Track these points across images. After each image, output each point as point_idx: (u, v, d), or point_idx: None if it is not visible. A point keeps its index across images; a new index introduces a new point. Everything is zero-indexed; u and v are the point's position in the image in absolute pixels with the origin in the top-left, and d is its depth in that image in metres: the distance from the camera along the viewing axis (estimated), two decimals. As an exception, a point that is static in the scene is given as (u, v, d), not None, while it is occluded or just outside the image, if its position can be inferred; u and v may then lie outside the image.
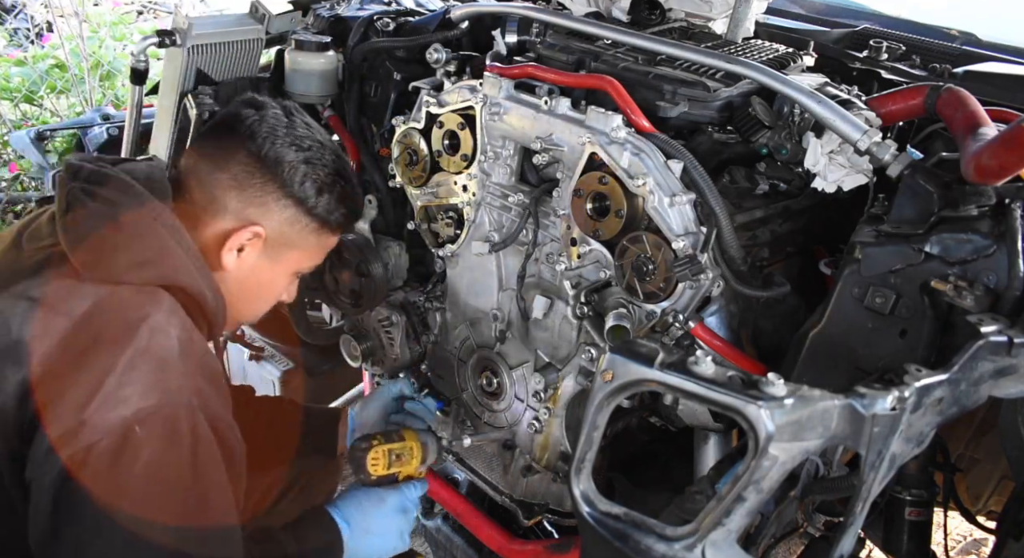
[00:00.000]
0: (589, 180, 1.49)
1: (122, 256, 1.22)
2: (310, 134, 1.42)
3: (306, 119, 1.44)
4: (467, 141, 1.70)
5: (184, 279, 1.27)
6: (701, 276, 1.38)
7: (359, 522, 1.49)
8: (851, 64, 1.80)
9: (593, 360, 1.60)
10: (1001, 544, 1.37)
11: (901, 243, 1.23)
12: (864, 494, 1.03)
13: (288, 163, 1.37)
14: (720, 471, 1.31)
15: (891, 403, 0.97)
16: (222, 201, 1.36)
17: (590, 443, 1.06)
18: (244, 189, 1.35)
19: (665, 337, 1.48)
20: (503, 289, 1.78)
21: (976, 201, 1.19)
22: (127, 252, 1.23)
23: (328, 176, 1.41)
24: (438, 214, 1.84)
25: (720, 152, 1.56)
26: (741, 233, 1.44)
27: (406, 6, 2.24)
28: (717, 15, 1.91)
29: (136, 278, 1.22)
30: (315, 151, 1.40)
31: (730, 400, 0.92)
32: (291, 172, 1.37)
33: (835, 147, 1.40)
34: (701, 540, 0.96)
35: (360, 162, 2.10)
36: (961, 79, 1.66)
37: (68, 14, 4.18)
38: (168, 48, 2.01)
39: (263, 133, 1.36)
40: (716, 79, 1.55)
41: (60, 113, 4.05)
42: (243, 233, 1.35)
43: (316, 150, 1.40)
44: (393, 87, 2.00)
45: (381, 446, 1.54)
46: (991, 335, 1.06)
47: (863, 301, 1.26)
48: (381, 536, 1.52)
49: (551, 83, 1.58)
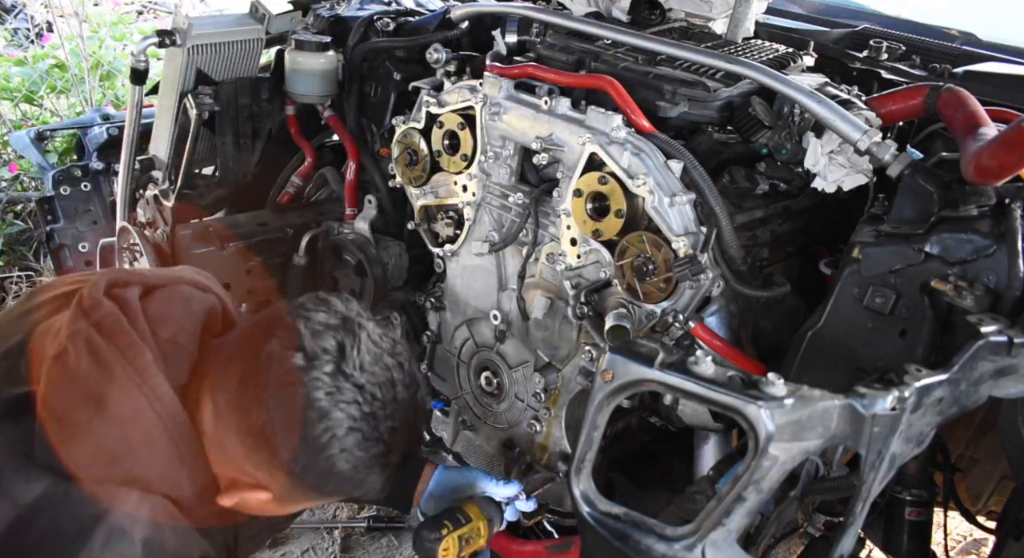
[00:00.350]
0: (589, 180, 1.49)
1: (86, 447, 1.01)
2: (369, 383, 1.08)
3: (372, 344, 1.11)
4: (467, 141, 1.70)
5: (165, 488, 1.07)
6: (701, 276, 1.38)
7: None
8: (851, 64, 1.80)
9: (593, 360, 1.60)
10: (1001, 544, 1.37)
11: (901, 243, 1.23)
12: (864, 494, 1.03)
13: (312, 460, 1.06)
14: (720, 471, 1.31)
15: (891, 403, 0.97)
16: (226, 446, 1.09)
17: (590, 443, 1.06)
18: (253, 457, 1.08)
19: (665, 337, 1.48)
20: (503, 289, 1.78)
21: (976, 201, 1.19)
22: (95, 444, 1.01)
23: (369, 458, 1.09)
24: (438, 214, 1.84)
25: (720, 152, 1.56)
26: (741, 233, 1.44)
27: (406, 6, 2.24)
28: (717, 15, 1.91)
29: (96, 476, 1.01)
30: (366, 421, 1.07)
31: (730, 400, 0.92)
32: (311, 469, 1.07)
33: (835, 147, 1.40)
34: (701, 540, 0.96)
35: (360, 162, 2.10)
36: (961, 79, 1.65)
37: (68, 14, 4.18)
38: (168, 48, 2.01)
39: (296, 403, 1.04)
40: (716, 79, 1.55)
41: (60, 113, 4.04)
42: (243, 492, 1.12)
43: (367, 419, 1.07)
44: (393, 87, 2.00)
45: (451, 535, 1.47)
46: (991, 335, 1.06)
47: (863, 301, 1.26)
48: None
49: (551, 83, 1.58)
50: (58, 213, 2.61)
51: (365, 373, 1.08)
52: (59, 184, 2.59)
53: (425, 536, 1.46)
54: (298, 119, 2.26)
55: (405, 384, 1.13)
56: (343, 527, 2.30)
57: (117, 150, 2.30)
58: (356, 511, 2.37)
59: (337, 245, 2.07)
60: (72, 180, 2.61)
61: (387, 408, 1.09)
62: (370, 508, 2.37)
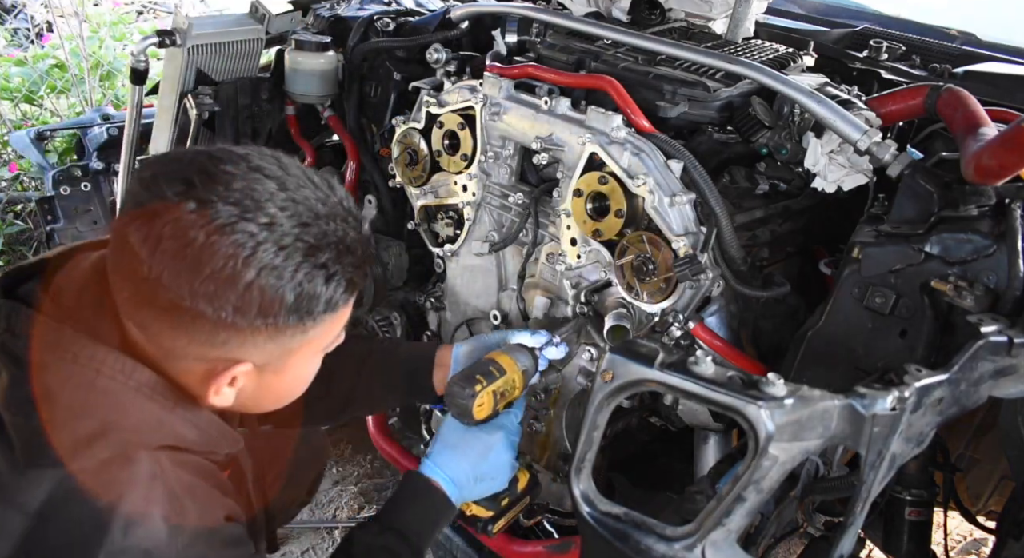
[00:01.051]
0: (589, 180, 1.49)
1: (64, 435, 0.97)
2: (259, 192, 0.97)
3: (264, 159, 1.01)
4: (467, 141, 1.70)
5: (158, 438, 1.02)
6: (701, 276, 1.38)
7: (467, 475, 1.33)
8: (851, 64, 1.80)
9: (593, 360, 1.60)
10: (1001, 544, 1.37)
11: (901, 243, 1.23)
12: (864, 494, 1.03)
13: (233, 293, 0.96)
14: (720, 471, 1.31)
15: (891, 403, 0.98)
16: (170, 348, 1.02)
17: (590, 443, 1.06)
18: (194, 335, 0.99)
19: (665, 337, 1.48)
20: (503, 289, 1.78)
21: (976, 201, 1.19)
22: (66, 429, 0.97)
23: (293, 265, 0.98)
24: (438, 214, 1.84)
25: (720, 152, 1.56)
26: (741, 233, 1.44)
27: (406, 6, 2.25)
28: (717, 15, 1.91)
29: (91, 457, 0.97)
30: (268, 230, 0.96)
31: (730, 400, 0.92)
32: (240, 303, 0.96)
33: (835, 147, 1.40)
34: (701, 540, 0.96)
35: (360, 162, 2.10)
36: (961, 79, 1.65)
37: (68, 14, 4.18)
38: (168, 48, 2.01)
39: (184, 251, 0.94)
40: (716, 79, 1.55)
41: (60, 113, 4.04)
42: (223, 377, 1.04)
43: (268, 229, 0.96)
44: (393, 87, 2.01)
45: (486, 390, 1.35)
46: (991, 335, 1.06)
47: (863, 301, 1.26)
48: (493, 479, 1.38)
49: (551, 83, 1.58)
50: (58, 213, 2.61)
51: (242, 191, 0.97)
52: (59, 184, 2.60)
53: (456, 393, 1.35)
54: (298, 119, 2.27)
55: (300, 183, 1.02)
56: (343, 527, 2.30)
57: (117, 150, 2.31)
58: (356, 511, 2.37)
59: (337, 245, 2.07)
60: (72, 180, 2.61)
61: (287, 211, 0.98)
62: (370, 508, 2.37)
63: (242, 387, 1.08)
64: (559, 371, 1.56)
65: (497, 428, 1.39)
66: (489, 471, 1.36)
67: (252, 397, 1.12)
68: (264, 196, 0.98)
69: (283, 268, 0.97)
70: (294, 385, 1.17)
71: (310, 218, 1.00)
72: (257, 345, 1.02)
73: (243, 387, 1.08)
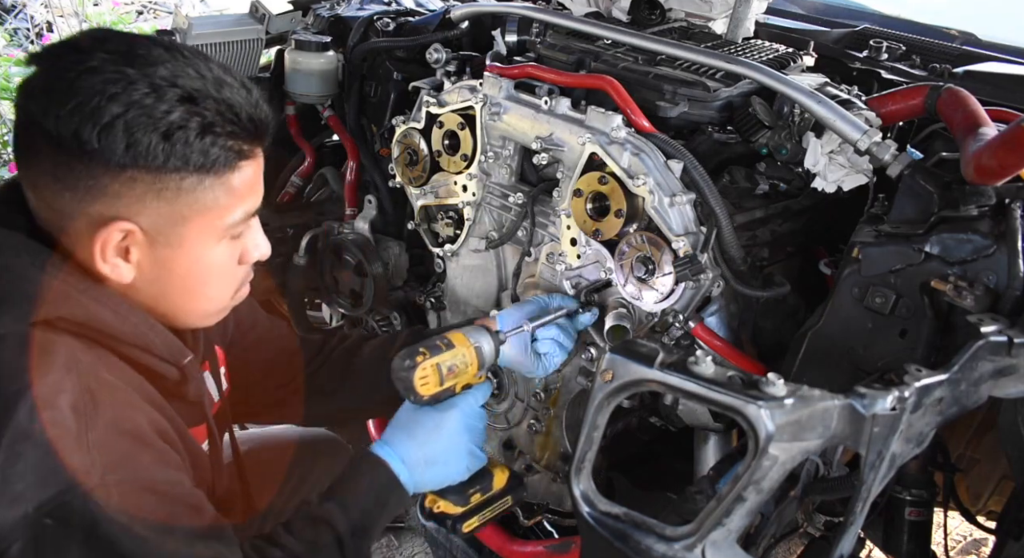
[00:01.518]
0: (589, 180, 1.49)
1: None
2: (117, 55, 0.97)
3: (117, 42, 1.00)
4: (467, 141, 1.70)
5: (65, 311, 0.99)
6: (701, 276, 1.38)
7: (416, 456, 1.25)
8: (851, 64, 1.80)
9: (593, 360, 1.60)
10: (1001, 544, 1.37)
11: (901, 243, 1.23)
12: (864, 494, 1.03)
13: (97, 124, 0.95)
14: (720, 471, 1.31)
15: (891, 403, 0.97)
16: (63, 209, 1.01)
17: (590, 443, 1.06)
18: (68, 183, 0.99)
19: (665, 337, 1.48)
20: (503, 289, 1.78)
21: (976, 201, 1.19)
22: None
23: (167, 106, 0.97)
24: (438, 214, 1.84)
25: (720, 152, 1.56)
26: (741, 233, 1.44)
27: (406, 6, 2.25)
28: (717, 15, 1.91)
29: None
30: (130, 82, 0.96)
31: (730, 400, 0.92)
32: (105, 135, 0.95)
33: (835, 147, 1.40)
34: (701, 540, 0.96)
35: (360, 162, 2.10)
36: (961, 79, 1.65)
37: (68, 14, 4.19)
38: (168, 48, 2.01)
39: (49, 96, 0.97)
40: (716, 79, 1.55)
41: (60, 113, 4.06)
42: (107, 238, 1.01)
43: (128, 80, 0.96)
44: (393, 87, 2.01)
45: (428, 360, 1.27)
46: (991, 335, 1.06)
47: (863, 301, 1.26)
48: (446, 464, 1.28)
49: (551, 83, 1.58)
50: (58, 213, 2.60)
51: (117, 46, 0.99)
52: (59, 184, 2.59)
53: (397, 365, 1.27)
54: (298, 119, 2.27)
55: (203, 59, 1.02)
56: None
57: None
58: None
59: (337, 245, 2.07)
60: (72, 180, 2.60)
61: (173, 69, 0.98)
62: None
63: (139, 264, 1.05)
64: (559, 371, 1.55)
65: (450, 407, 1.30)
66: (440, 454, 1.27)
67: (155, 281, 1.07)
68: (153, 54, 0.99)
69: (153, 108, 0.96)
70: (198, 271, 1.10)
71: (196, 80, 1.00)
72: (138, 198, 1.00)
73: (140, 264, 1.05)
